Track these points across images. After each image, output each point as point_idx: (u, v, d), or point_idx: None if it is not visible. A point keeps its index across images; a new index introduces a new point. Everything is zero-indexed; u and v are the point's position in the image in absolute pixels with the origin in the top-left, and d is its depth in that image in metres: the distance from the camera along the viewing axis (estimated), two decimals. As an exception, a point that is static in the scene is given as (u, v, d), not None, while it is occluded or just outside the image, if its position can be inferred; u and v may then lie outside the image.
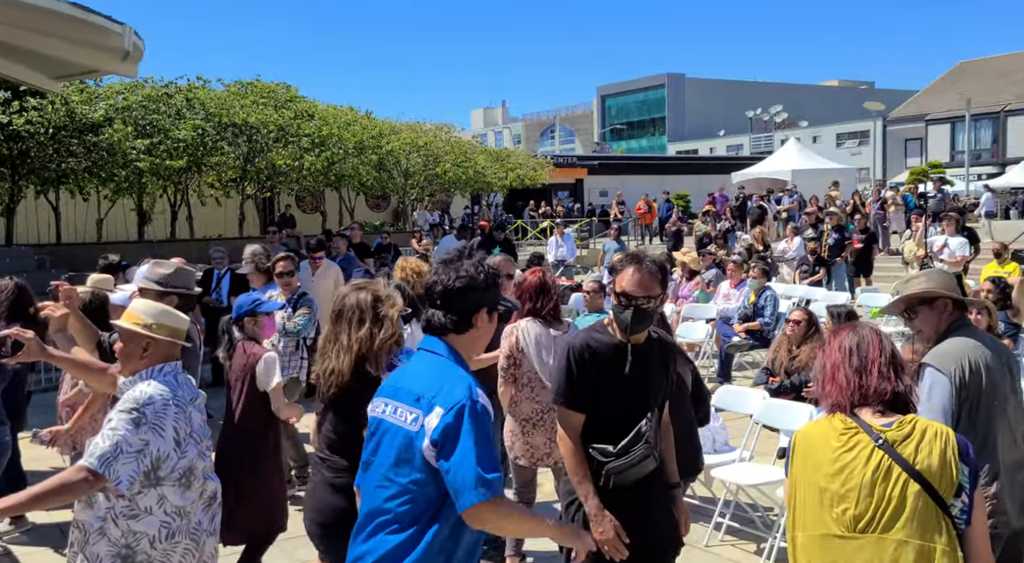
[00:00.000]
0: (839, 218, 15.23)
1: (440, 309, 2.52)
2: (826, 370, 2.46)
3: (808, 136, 50.78)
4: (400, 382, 2.55)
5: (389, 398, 2.54)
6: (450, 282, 2.50)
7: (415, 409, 2.43)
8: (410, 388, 2.49)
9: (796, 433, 2.50)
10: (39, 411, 6.88)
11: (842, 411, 2.38)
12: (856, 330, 2.49)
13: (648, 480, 3.03)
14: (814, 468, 2.35)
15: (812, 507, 2.33)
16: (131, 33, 10.33)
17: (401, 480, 2.45)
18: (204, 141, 18.25)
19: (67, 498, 2.78)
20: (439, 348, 2.52)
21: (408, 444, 2.43)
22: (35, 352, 3.40)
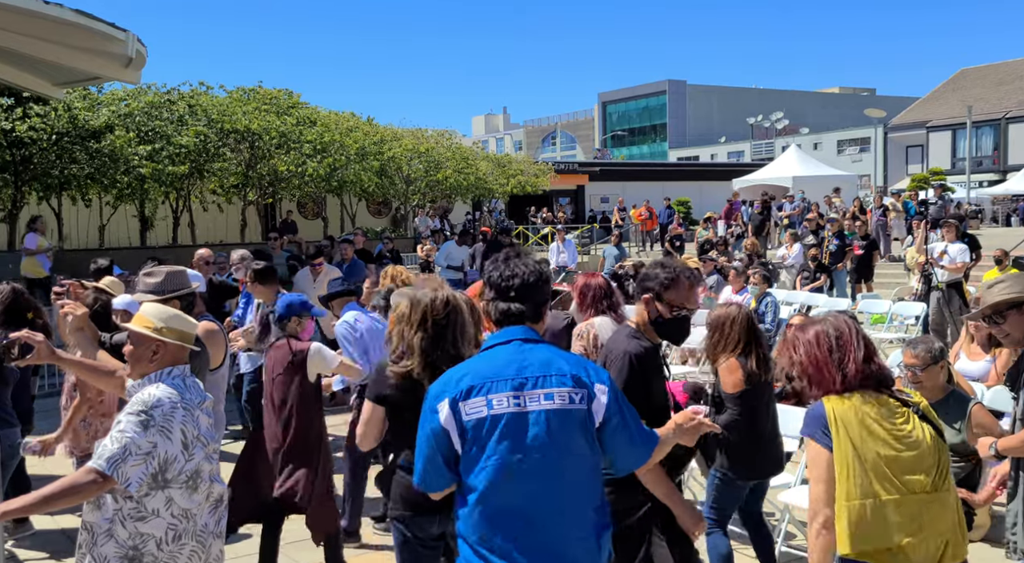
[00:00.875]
0: (840, 224, 15.25)
1: (514, 301, 2.55)
2: (825, 357, 2.66)
3: (809, 143, 50.85)
4: (518, 371, 2.44)
5: (514, 390, 2.41)
6: (527, 275, 2.55)
7: (578, 389, 2.43)
8: (546, 372, 2.43)
9: (831, 407, 2.60)
10: (42, 416, 6.90)
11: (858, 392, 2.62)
12: (831, 320, 2.75)
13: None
14: (873, 439, 2.55)
15: (884, 473, 2.53)
16: (134, 40, 10.37)
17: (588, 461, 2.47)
18: (206, 147, 18.30)
19: (76, 500, 2.81)
20: (532, 334, 2.54)
21: (585, 423, 2.43)
22: (45, 355, 3.44)
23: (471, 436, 2.40)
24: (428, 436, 2.47)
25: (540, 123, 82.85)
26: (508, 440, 2.38)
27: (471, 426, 2.40)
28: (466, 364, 2.54)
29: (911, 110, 50.72)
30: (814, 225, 16.86)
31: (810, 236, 15.90)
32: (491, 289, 2.60)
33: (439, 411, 2.43)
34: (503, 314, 2.55)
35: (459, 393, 2.42)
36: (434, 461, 2.47)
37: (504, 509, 2.39)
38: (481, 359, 2.52)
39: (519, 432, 2.38)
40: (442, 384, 2.49)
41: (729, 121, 63.71)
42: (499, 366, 2.45)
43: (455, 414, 2.41)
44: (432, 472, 2.49)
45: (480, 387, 2.41)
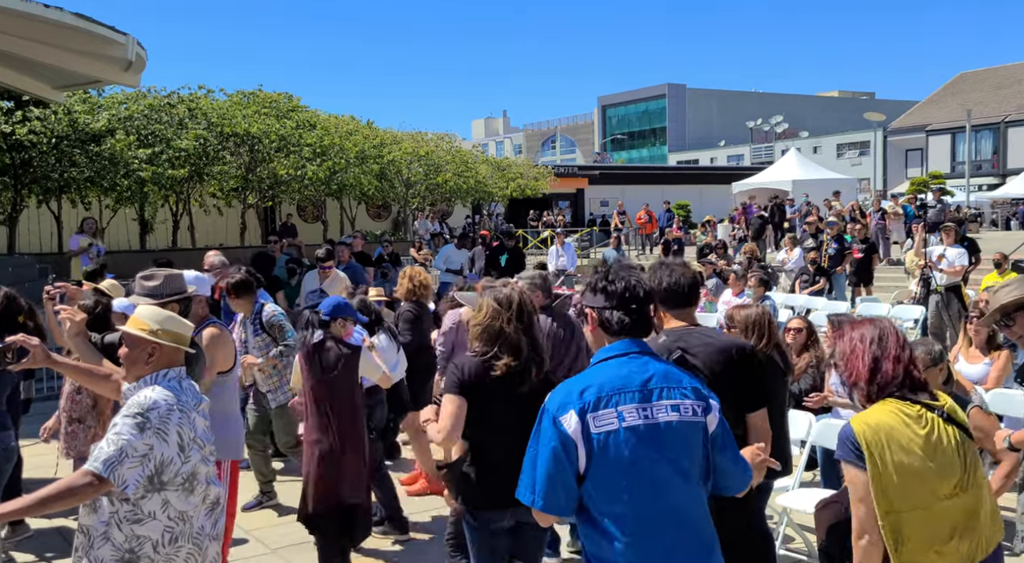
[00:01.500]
0: (839, 228, 15.26)
1: (634, 312, 2.50)
2: (862, 363, 2.70)
3: (809, 146, 50.89)
4: (643, 382, 2.42)
5: (641, 402, 2.38)
6: (644, 286, 2.55)
7: (699, 401, 2.44)
8: (669, 383, 2.43)
9: (860, 429, 2.62)
10: (40, 420, 6.89)
11: (892, 397, 2.67)
12: (877, 323, 2.79)
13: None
14: (903, 453, 2.59)
15: (914, 485, 2.58)
16: (134, 43, 10.40)
17: (703, 475, 2.45)
18: (206, 151, 18.32)
19: (72, 502, 2.81)
20: (647, 347, 2.53)
21: (705, 435, 2.43)
22: (40, 359, 3.43)
23: (599, 450, 2.33)
24: (554, 452, 2.36)
25: (540, 127, 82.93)
26: (642, 453, 2.34)
27: (599, 439, 2.33)
28: (585, 376, 2.46)
29: (910, 114, 50.78)
30: (814, 228, 16.87)
31: (809, 240, 15.90)
32: (610, 297, 2.52)
33: (564, 423, 2.34)
34: (622, 325, 2.49)
35: (586, 405, 2.35)
36: (563, 479, 2.36)
37: (642, 524, 2.34)
38: (601, 371, 2.45)
39: (651, 444, 2.35)
40: (563, 396, 2.41)
41: (728, 125, 63.79)
42: (624, 377, 2.41)
43: (584, 426, 2.33)
44: (561, 492, 2.37)
45: (608, 399, 2.36)
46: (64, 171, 16.48)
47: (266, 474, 6.20)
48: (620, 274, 2.54)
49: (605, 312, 2.50)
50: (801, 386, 6.46)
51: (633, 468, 2.34)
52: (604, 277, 2.54)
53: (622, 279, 2.52)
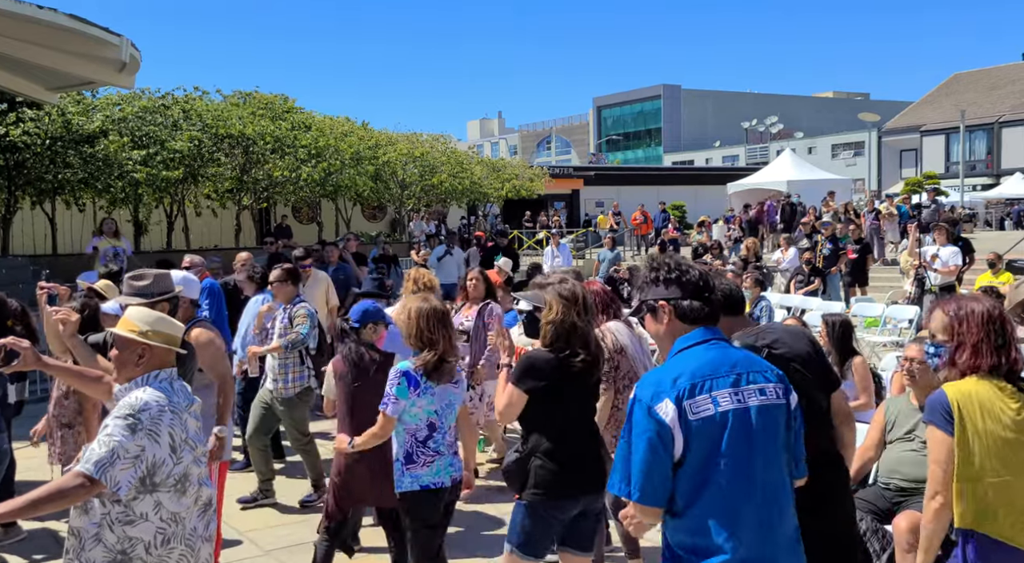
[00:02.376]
0: (834, 228, 15.28)
1: (709, 301, 2.58)
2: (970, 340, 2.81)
3: (803, 147, 50.98)
4: (731, 367, 2.47)
5: (732, 387, 2.43)
6: (707, 276, 2.64)
7: (781, 384, 2.52)
8: (752, 368, 2.49)
9: (954, 394, 2.76)
10: (32, 422, 6.86)
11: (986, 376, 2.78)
12: (988, 303, 2.90)
13: None
14: (994, 422, 2.72)
15: (1000, 456, 2.71)
16: (128, 44, 10.37)
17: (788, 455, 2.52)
18: (201, 152, 18.28)
19: (64, 504, 2.79)
20: (721, 334, 2.59)
21: (789, 418, 2.51)
22: (31, 361, 3.41)
23: (696, 436, 2.35)
24: (650, 442, 2.36)
25: (535, 128, 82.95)
26: (737, 437, 2.37)
27: (698, 425, 2.35)
28: (674, 365, 2.47)
29: (905, 114, 50.89)
30: (809, 229, 16.90)
31: (804, 240, 15.92)
32: (685, 287, 2.57)
33: (661, 412, 2.35)
34: (702, 313, 2.55)
35: (682, 391, 2.37)
36: (661, 469, 2.37)
37: (739, 509, 2.37)
38: (688, 358, 2.47)
39: (745, 428, 2.39)
40: (654, 385, 2.42)
41: (724, 125, 63.86)
42: (713, 363, 2.45)
43: (680, 414, 2.35)
44: (659, 482, 2.37)
45: (702, 385, 2.39)
46: (58, 172, 16.42)
47: (265, 473, 6.20)
48: (687, 266, 2.62)
49: (684, 302, 2.55)
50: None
51: (729, 452, 2.37)
52: (672, 269, 2.59)
53: (693, 270, 2.60)
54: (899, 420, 4.32)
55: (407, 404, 3.85)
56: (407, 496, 3.91)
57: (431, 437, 3.89)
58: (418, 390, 3.85)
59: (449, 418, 4.00)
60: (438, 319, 3.91)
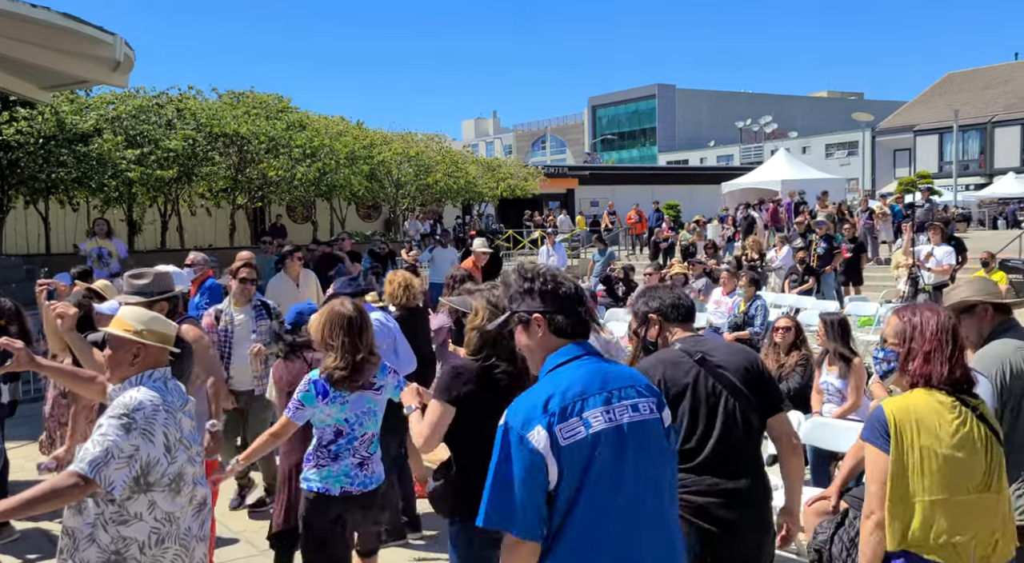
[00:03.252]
0: (828, 227, 15.32)
1: (579, 315, 2.46)
2: (922, 348, 2.74)
3: (798, 146, 51.07)
4: (603, 384, 2.34)
5: (604, 405, 2.30)
6: (578, 288, 2.52)
7: (653, 398, 2.42)
8: (624, 383, 2.38)
9: (892, 408, 2.68)
10: (25, 422, 6.87)
11: (934, 388, 2.71)
12: (943, 314, 2.82)
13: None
14: (931, 438, 2.64)
15: (935, 473, 2.63)
16: (122, 43, 10.34)
17: (669, 472, 2.44)
18: (195, 151, 18.24)
19: (58, 504, 2.78)
20: (592, 348, 2.48)
21: (664, 432, 2.42)
22: (24, 362, 3.41)
23: (568, 461, 2.21)
24: (525, 471, 2.20)
25: (530, 127, 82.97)
26: (609, 457, 2.25)
27: (569, 450, 2.22)
28: (545, 385, 2.33)
29: (898, 114, 51.03)
30: (803, 228, 16.93)
31: (798, 239, 15.95)
32: (557, 301, 2.44)
33: (534, 440, 2.20)
34: (574, 328, 2.44)
35: (552, 417, 2.23)
36: (535, 500, 2.21)
37: (617, 531, 2.26)
38: (558, 378, 2.34)
39: (617, 448, 2.27)
40: (526, 410, 2.26)
41: (718, 125, 63.96)
42: (584, 381, 2.32)
43: (552, 440, 2.21)
44: (533, 514, 2.21)
45: (573, 406, 2.26)
46: (51, 172, 16.37)
47: (241, 475, 6.13)
48: (561, 278, 2.50)
49: (558, 316, 2.42)
50: (790, 385, 6.49)
51: (601, 474, 2.25)
52: (548, 281, 2.46)
53: (568, 282, 2.48)
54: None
55: (315, 411, 3.69)
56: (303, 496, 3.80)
57: (334, 442, 3.73)
58: (326, 398, 3.66)
59: (367, 425, 3.79)
60: (341, 325, 3.68)
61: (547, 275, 2.49)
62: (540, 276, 2.48)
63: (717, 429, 3.08)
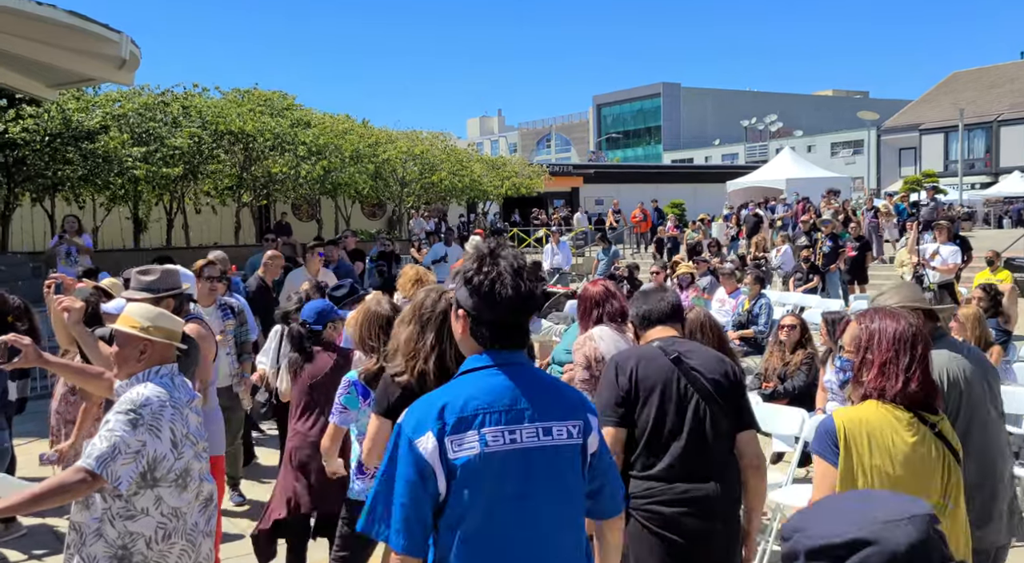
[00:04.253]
0: (834, 226, 15.30)
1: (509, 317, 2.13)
2: (877, 359, 2.54)
3: (803, 145, 50.99)
4: (513, 400, 2.08)
5: (508, 423, 2.05)
6: (519, 285, 2.12)
7: (575, 421, 2.13)
8: (543, 402, 2.10)
9: (842, 423, 2.49)
10: (33, 418, 6.90)
11: (888, 401, 2.51)
12: (905, 321, 2.59)
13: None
14: (881, 456, 2.46)
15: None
16: (128, 41, 10.38)
17: (577, 505, 2.17)
18: (200, 149, 18.28)
19: (65, 499, 2.80)
20: (523, 358, 2.19)
21: (582, 459, 2.15)
22: (32, 358, 3.43)
23: (458, 478, 2.00)
24: (410, 482, 2.00)
25: (535, 125, 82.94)
26: (506, 481, 2.03)
27: (460, 465, 2.00)
28: (446, 391, 2.10)
29: (904, 113, 50.88)
30: (809, 226, 16.93)
31: (803, 237, 15.94)
32: (477, 299, 2.11)
33: (421, 446, 2.00)
34: (501, 335, 2.12)
35: (445, 425, 2.01)
36: (420, 512, 2.00)
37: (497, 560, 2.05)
38: (464, 384, 2.10)
39: (517, 471, 2.04)
40: (420, 414, 2.05)
41: (723, 124, 63.86)
42: (491, 393, 2.07)
43: (441, 450, 1.99)
44: (418, 528, 2.00)
45: (472, 419, 2.02)
46: (58, 169, 16.42)
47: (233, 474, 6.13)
48: (500, 275, 2.10)
49: (479, 319, 2.12)
50: (795, 383, 6.49)
51: (495, 498, 2.02)
52: (483, 275, 2.11)
53: (506, 282, 2.09)
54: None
55: (357, 414, 3.60)
56: (353, 505, 3.65)
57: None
58: (368, 399, 3.50)
59: None
60: (380, 325, 3.57)
61: (489, 268, 2.11)
62: (480, 269, 2.12)
63: (685, 430, 2.99)
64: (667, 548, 2.93)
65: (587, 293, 4.61)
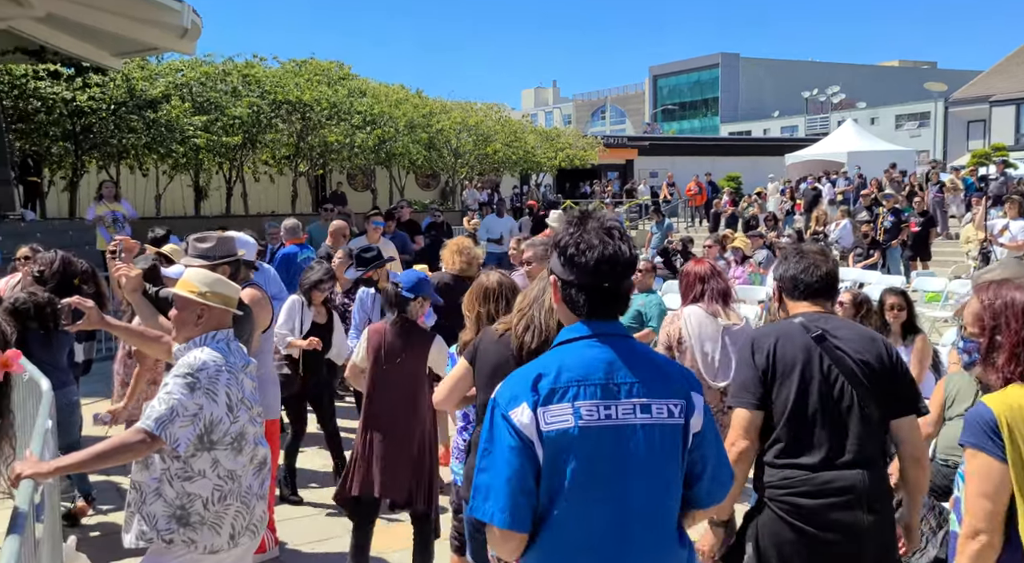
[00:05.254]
0: (896, 200, 14.89)
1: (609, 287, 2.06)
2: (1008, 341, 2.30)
3: (866, 117, 49.57)
4: (609, 373, 2.00)
5: (604, 398, 1.97)
6: (623, 254, 2.04)
7: (676, 399, 2.02)
8: (642, 377, 2.01)
9: (1001, 410, 2.26)
10: (100, 379, 7.13)
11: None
12: None
13: None
14: None
15: None
16: (190, 11, 10.53)
17: (672, 489, 2.05)
18: (259, 118, 18.53)
19: (125, 458, 2.90)
20: (621, 329, 2.10)
21: (683, 441, 2.03)
22: (95, 320, 3.54)
23: (551, 452, 1.95)
24: (510, 453, 1.95)
25: (590, 97, 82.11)
26: (598, 458, 1.96)
27: (553, 438, 1.95)
28: (541, 362, 2.05)
29: (973, 84, 49.02)
30: (870, 201, 16.50)
31: (864, 212, 15.56)
32: (571, 268, 2.05)
33: (516, 418, 1.96)
34: (594, 302, 2.04)
35: (539, 397, 1.96)
36: (525, 484, 1.95)
37: (586, 544, 1.97)
38: (559, 355, 2.04)
39: (611, 449, 1.96)
40: (514, 386, 2.02)
41: (783, 95, 62.35)
42: (587, 365, 1.99)
43: (536, 422, 1.95)
44: (523, 500, 1.95)
45: (564, 391, 1.96)
46: (123, 137, 16.79)
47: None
48: (589, 242, 2.03)
49: (572, 288, 2.05)
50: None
51: (586, 475, 1.95)
52: (574, 240, 2.04)
53: (595, 247, 2.02)
54: (959, 396, 4.22)
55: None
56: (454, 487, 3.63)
57: (467, 426, 3.62)
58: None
59: None
60: (478, 297, 3.58)
61: (575, 230, 2.06)
62: (572, 233, 2.06)
63: (827, 415, 2.72)
64: (809, 543, 2.68)
65: (691, 270, 4.52)
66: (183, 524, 2.93)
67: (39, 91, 15.46)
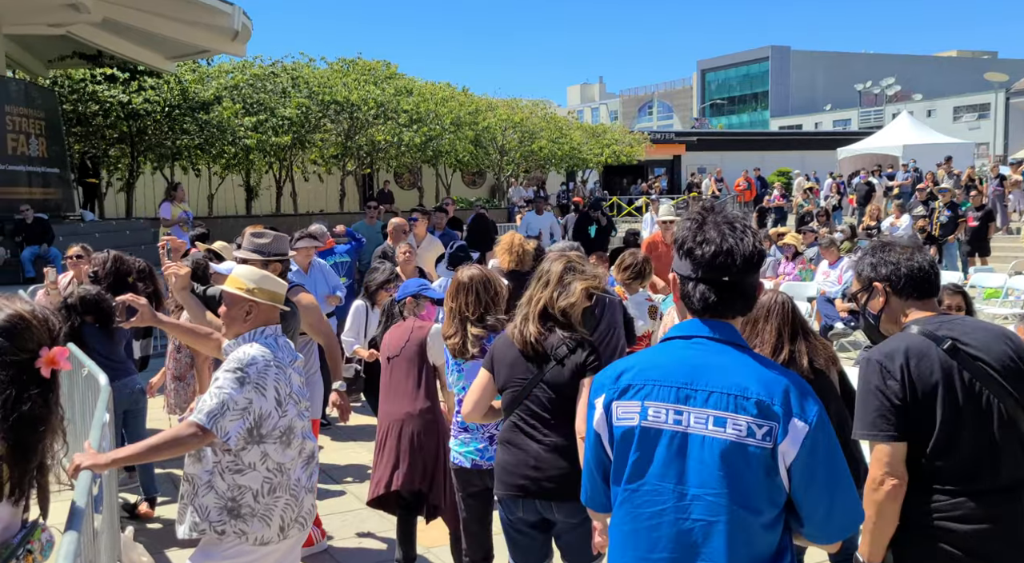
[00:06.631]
0: (952, 194, 14.51)
1: (726, 284, 1.92)
2: None
3: (922, 109, 48.36)
4: (689, 377, 1.89)
5: (676, 402, 1.88)
6: (746, 250, 1.91)
7: (762, 420, 1.83)
8: (723, 387, 1.86)
9: None
10: (156, 375, 7.31)
11: None
12: None
13: None
14: None
15: None
16: (240, 13, 10.72)
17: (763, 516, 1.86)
18: (308, 118, 18.81)
19: (178, 451, 2.97)
20: (729, 333, 1.94)
21: (766, 467, 1.84)
22: (147, 317, 3.64)
23: (617, 446, 1.95)
24: (591, 439, 2.04)
25: (636, 92, 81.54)
26: (657, 462, 1.89)
27: (620, 434, 1.93)
28: (633, 356, 2.04)
29: (1037, 74, 47.55)
30: (925, 195, 16.10)
31: (920, 207, 15.19)
32: (689, 261, 1.94)
33: (596, 408, 2.00)
34: (709, 298, 1.92)
35: (616, 389, 1.95)
36: (596, 470, 2.05)
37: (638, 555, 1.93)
38: (652, 353, 2.00)
39: (674, 457, 1.88)
40: (603, 376, 2.03)
41: (835, 88, 61.18)
42: (668, 366, 1.91)
43: (608, 415, 1.96)
44: (590, 484, 2.08)
45: (639, 388, 1.92)
46: (176, 139, 17.21)
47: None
48: (697, 226, 1.95)
49: (688, 283, 1.95)
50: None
51: (649, 478, 1.89)
52: (693, 235, 1.95)
53: (712, 241, 1.91)
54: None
55: (454, 378, 3.66)
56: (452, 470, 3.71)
57: (458, 413, 3.66)
58: (448, 366, 3.71)
59: None
60: (451, 292, 3.65)
61: (692, 223, 1.96)
62: (691, 227, 1.96)
63: (976, 435, 2.44)
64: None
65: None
66: (234, 516, 2.99)
67: (97, 95, 15.89)
